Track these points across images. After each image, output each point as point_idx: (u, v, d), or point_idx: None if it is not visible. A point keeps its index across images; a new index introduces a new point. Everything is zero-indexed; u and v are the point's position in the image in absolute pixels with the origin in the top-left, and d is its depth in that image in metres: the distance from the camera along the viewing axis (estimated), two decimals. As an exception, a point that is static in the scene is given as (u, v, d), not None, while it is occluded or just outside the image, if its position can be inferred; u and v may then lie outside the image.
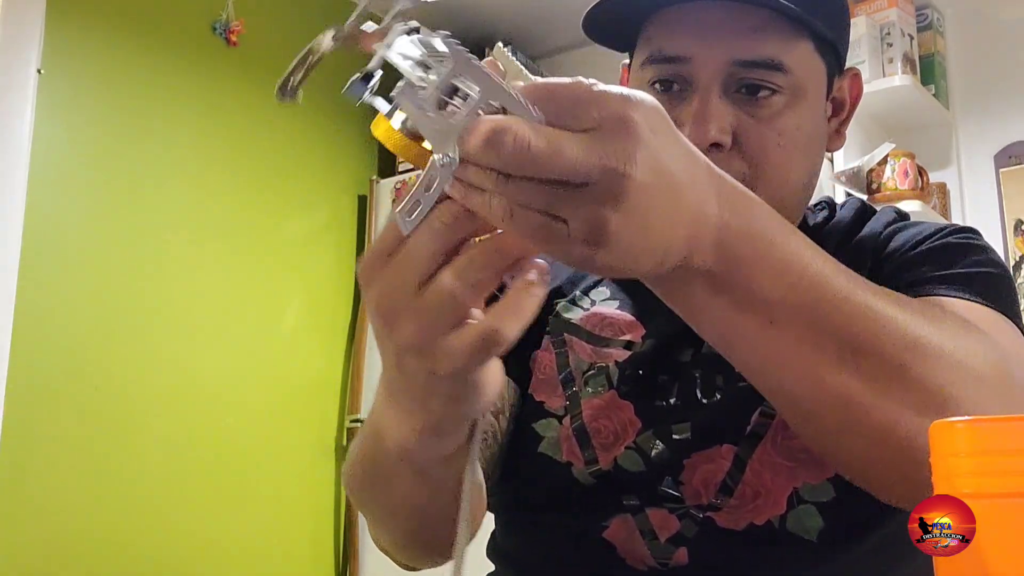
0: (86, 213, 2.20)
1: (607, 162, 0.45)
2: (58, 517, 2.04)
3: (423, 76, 0.46)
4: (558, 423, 0.86)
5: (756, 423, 0.79)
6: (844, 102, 0.89)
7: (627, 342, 0.87)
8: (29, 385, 2.03)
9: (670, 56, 0.80)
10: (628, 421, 0.84)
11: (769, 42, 0.78)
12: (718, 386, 0.82)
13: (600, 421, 0.85)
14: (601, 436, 0.84)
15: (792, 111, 0.80)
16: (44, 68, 2.13)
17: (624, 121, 0.46)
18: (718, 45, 0.78)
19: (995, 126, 2.69)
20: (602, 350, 0.87)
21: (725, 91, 0.79)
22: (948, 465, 0.38)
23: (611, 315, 0.89)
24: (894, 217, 0.90)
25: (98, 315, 2.18)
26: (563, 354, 0.88)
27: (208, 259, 2.44)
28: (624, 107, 0.46)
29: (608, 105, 0.46)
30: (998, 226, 2.64)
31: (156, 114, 2.36)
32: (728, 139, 0.79)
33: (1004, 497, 0.37)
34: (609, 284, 0.91)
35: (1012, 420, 0.38)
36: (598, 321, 0.89)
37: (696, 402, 0.82)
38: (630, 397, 0.84)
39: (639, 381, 0.84)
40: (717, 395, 0.82)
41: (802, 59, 0.80)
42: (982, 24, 2.76)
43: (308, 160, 2.74)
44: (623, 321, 0.88)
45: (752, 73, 0.79)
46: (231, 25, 2.52)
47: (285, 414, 2.55)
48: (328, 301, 2.75)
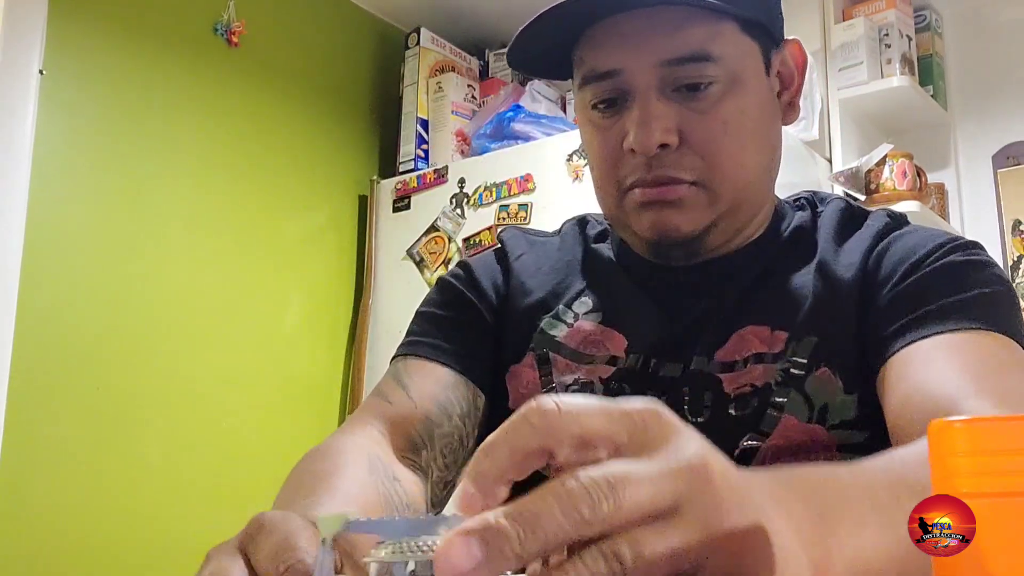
0: (88, 213, 2.20)
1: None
2: (59, 517, 2.05)
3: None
4: None
5: (745, 448, 0.80)
6: (791, 74, 0.88)
7: (611, 357, 0.87)
8: (31, 384, 2.03)
9: (602, 72, 0.82)
10: None
11: (692, 36, 0.79)
12: (705, 404, 0.82)
13: None
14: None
15: (732, 97, 0.80)
16: (46, 68, 2.13)
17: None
18: (645, 50, 0.79)
19: (993, 127, 2.70)
20: (586, 367, 0.87)
21: (662, 93, 0.80)
22: (947, 465, 0.38)
23: (593, 331, 0.89)
24: (886, 223, 0.89)
25: (99, 315, 2.18)
26: (547, 372, 0.89)
27: (209, 259, 2.44)
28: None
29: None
30: (996, 226, 2.64)
31: (157, 114, 2.36)
32: (674, 138, 0.79)
33: (1004, 497, 0.37)
34: (591, 294, 0.91)
35: (1012, 420, 0.38)
36: (582, 338, 0.89)
37: (684, 421, 0.81)
38: None
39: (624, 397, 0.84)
40: (705, 413, 0.82)
41: (729, 44, 0.80)
42: (980, 25, 2.77)
43: (308, 160, 2.73)
44: (606, 336, 0.88)
45: (683, 70, 0.79)
46: (232, 26, 2.52)
47: (285, 414, 2.55)
48: (328, 301, 2.75)
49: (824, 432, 0.80)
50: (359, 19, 2.94)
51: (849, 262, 0.85)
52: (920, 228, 0.88)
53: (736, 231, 0.87)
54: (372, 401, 0.89)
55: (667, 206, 0.82)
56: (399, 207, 2.78)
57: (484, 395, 0.90)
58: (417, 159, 2.83)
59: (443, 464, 0.84)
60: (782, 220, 0.91)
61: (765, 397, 0.81)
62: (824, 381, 0.80)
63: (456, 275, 0.98)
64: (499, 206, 2.58)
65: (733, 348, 0.84)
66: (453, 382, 0.89)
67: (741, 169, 0.82)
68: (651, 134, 0.79)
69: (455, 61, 2.99)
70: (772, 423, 0.80)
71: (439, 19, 2.98)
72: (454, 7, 2.96)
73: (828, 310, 0.83)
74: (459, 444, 0.86)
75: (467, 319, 0.93)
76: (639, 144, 0.80)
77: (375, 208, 2.82)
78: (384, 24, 3.02)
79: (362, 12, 2.95)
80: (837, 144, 2.57)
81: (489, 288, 0.95)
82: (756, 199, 0.86)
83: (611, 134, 0.83)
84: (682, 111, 0.80)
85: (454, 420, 0.86)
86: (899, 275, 0.82)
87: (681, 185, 0.81)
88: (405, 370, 0.90)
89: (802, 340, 0.82)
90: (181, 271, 2.36)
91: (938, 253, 0.82)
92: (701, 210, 0.82)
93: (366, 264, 2.79)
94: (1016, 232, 2.62)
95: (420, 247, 2.70)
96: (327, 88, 2.82)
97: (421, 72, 2.88)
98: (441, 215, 2.68)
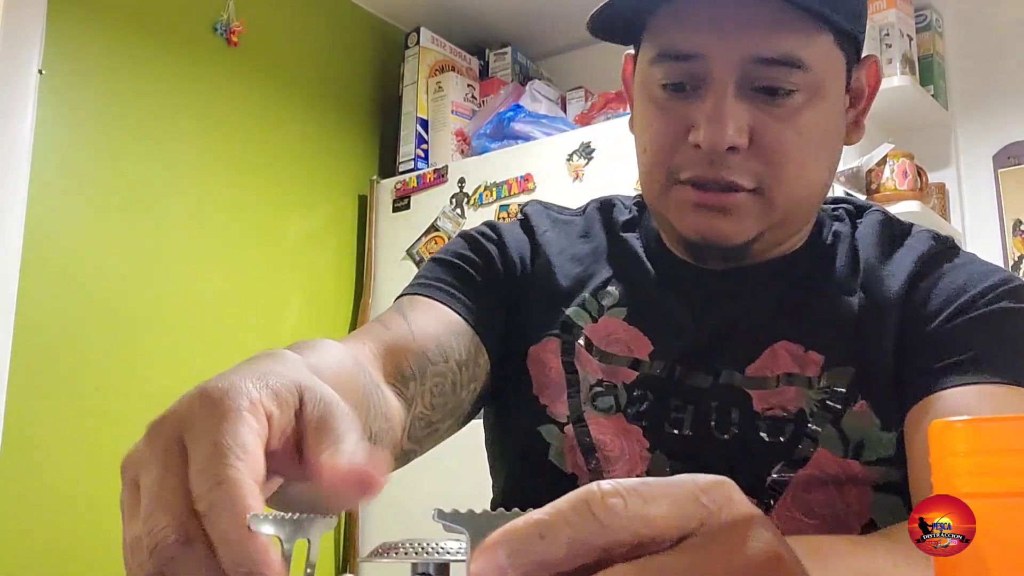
0: (87, 212, 2.20)
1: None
2: (58, 516, 2.05)
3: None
4: (559, 431, 0.84)
5: (776, 479, 0.77)
6: (862, 92, 0.84)
7: (634, 360, 0.84)
8: (30, 384, 2.03)
9: (683, 53, 0.76)
10: (637, 442, 0.82)
11: (788, 37, 0.74)
12: (733, 422, 0.80)
13: (608, 436, 0.83)
14: (607, 448, 0.82)
15: (811, 108, 0.76)
16: (45, 68, 2.13)
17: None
18: (734, 40, 0.74)
19: (994, 126, 2.69)
20: (609, 367, 0.84)
21: (741, 89, 0.75)
22: (947, 465, 0.38)
23: (617, 329, 0.86)
24: (931, 246, 0.84)
25: (99, 315, 2.18)
26: (570, 360, 0.86)
27: (208, 259, 2.44)
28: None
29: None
30: (996, 226, 2.64)
31: (157, 114, 2.36)
32: (745, 140, 0.75)
33: (1004, 497, 0.37)
34: (617, 285, 0.88)
35: (1012, 420, 0.38)
36: (605, 335, 0.86)
37: (711, 436, 0.80)
38: (638, 421, 0.82)
39: (648, 406, 0.82)
40: (732, 431, 0.80)
41: (822, 54, 0.76)
42: (981, 25, 2.77)
43: (308, 160, 2.74)
44: (630, 336, 0.85)
45: (770, 71, 0.74)
46: (232, 25, 2.52)
47: (285, 414, 2.55)
48: (328, 301, 2.75)
49: (860, 468, 0.77)
50: (359, 19, 2.94)
51: (890, 287, 0.81)
52: (969, 261, 0.84)
53: (780, 242, 0.84)
54: (369, 325, 0.83)
55: (719, 212, 0.77)
56: (399, 207, 2.78)
57: (488, 357, 0.86)
58: (417, 159, 2.83)
59: (429, 403, 0.79)
60: (821, 230, 0.87)
61: (800, 426, 0.78)
62: (861, 417, 0.78)
63: (483, 233, 0.92)
64: (499, 206, 2.58)
65: (764, 363, 0.80)
66: (459, 329, 0.83)
67: (802, 182, 0.78)
68: (724, 133, 0.74)
69: (455, 61, 2.99)
70: (806, 455, 0.78)
71: (439, 19, 2.98)
72: (454, 7, 2.96)
73: (866, 339, 0.80)
74: (450, 389, 0.81)
75: (488, 277, 0.88)
76: (708, 142, 0.74)
77: (375, 208, 2.82)
78: (384, 24, 3.02)
79: (362, 12, 2.95)
80: (837, 144, 2.56)
81: (515, 257, 0.91)
82: (807, 213, 0.83)
83: (675, 119, 0.78)
84: (757, 113, 0.75)
85: (450, 363, 0.81)
86: (946, 315, 0.78)
87: (740, 193, 0.76)
88: (410, 305, 0.85)
89: (838, 368, 0.79)
90: (181, 270, 2.36)
91: (989, 296, 0.78)
92: (753, 219, 0.78)
93: (366, 264, 2.79)
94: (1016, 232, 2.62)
95: (420, 247, 2.70)
96: (327, 88, 2.82)
97: (421, 72, 2.89)
98: (441, 215, 2.68)
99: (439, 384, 0.80)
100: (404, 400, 0.77)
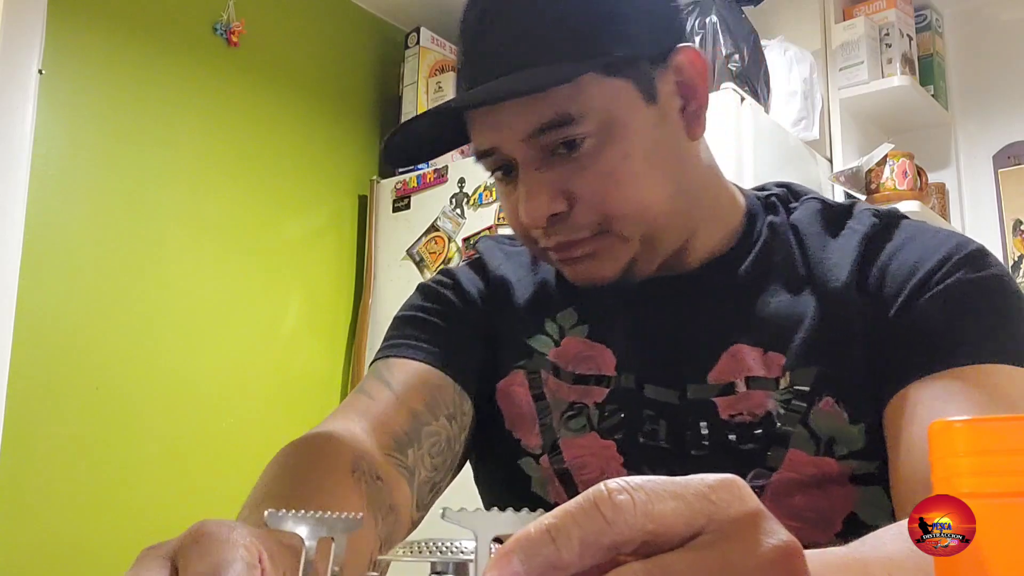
0: (87, 213, 2.20)
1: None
2: (58, 517, 2.05)
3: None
4: (535, 462, 0.86)
5: (751, 485, 0.77)
6: (691, 84, 0.81)
7: (602, 377, 0.85)
8: (30, 385, 2.03)
9: (482, 151, 0.81)
10: (611, 458, 0.83)
11: (551, 101, 0.76)
12: (703, 435, 0.81)
13: (585, 458, 0.84)
14: (586, 472, 0.83)
15: (610, 146, 0.77)
16: (45, 68, 2.13)
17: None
18: (509, 126, 0.77)
19: (994, 126, 2.70)
20: (581, 388, 0.85)
21: (542, 161, 0.78)
22: (947, 465, 0.38)
23: (582, 347, 0.87)
24: (873, 224, 0.84)
25: (99, 315, 2.18)
26: (538, 389, 0.87)
27: (208, 259, 2.44)
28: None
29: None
30: (997, 226, 2.64)
31: (157, 114, 2.36)
32: (562, 204, 0.78)
33: (1004, 497, 0.37)
34: (577, 306, 0.89)
35: (1012, 420, 0.38)
36: (571, 356, 0.87)
37: (683, 451, 0.81)
38: (611, 435, 0.83)
39: (620, 419, 0.83)
40: (704, 443, 0.80)
41: (593, 96, 0.76)
42: (981, 25, 2.77)
43: (308, 160, 2.74)
44: (595, 352, 0.86)
45: (551, 135, 0.76)
46: (232, 26, 2.52)
47: (285, 414, 2.55)
48: (328, 301, 2.75)
49: (835, 464, 0.78)
50: (359, 19, 2.94)
51: (839, 277, 0.81)
52: (917, 232, 0.83)
53: (667, 253, 0.83)
54: (353, 398, 0.85)
55: (580, 260, 0.81)
56: (399, 207, 2.78)
57: (471, 402, 0.87)
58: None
59: (431, 465, 0.81)
60: (754, 224, 0.87)
61: (769, 430, 0.79)
62: (829, 414, 0.78)
63: (439, 281, 0.95)
64: (499, 206, 2.57)
65: (726, 368, 0.81)
66: (440, 383, 0.86)
67: (643, 208, 0.78)
68: (537, 209, 0.77)
69: (455, 61, 2.99)
70: (779, 459, 0.78)
71: (439, 19, 2.98)
72: (454, 7, 2.95)
73: (826, 335, 0.80)
74: (447, 445, 0.83)
75: (454, 323, 0.91)
76: (530, 220, 0.79)
77: (375, 208, 2.82)
78: (384, 24, 3.02)
79: (362, 12, 2.95)
80: (838, 144, 2.57)
81: (474, 297, 0.93)
82: (675, 225, 0.82)
83: (511, 202, 0.82)
84: (565, 172, 0.78)
85: (440, 420, 0.83)
86: (904, 298, 0.78)
87: (585, 242, 0.79)
88: (387, 368, 0.87)
89: (801, 368, 0.79)
90: (181, 271, 2.36)
91: (945, 269, 0.78)
92: (616, 254, 0.80)
93: (366, 264, 2.79)
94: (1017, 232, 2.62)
95: (420, 247, 2.69)
96: (327, 88, 2.82)
97: (421, 72, 2.89)
98: (441, 215, 2.68)
99: (436, 443, 0.82)
100: (405, 470, 0.79)
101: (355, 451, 0.74)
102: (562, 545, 0.33)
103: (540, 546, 0.33)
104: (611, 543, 0.34)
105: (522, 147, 0.78)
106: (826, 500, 0.78)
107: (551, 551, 0.33)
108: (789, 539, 0.35)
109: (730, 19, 2.36)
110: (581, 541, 0.33)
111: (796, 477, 0.77)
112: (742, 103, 2.21)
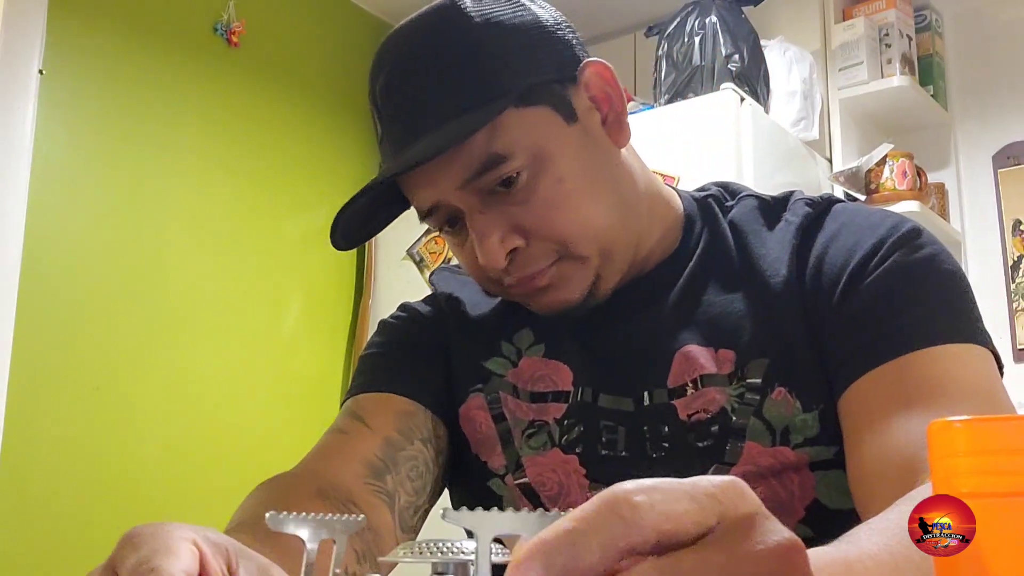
0: (87, 213, 2.20)
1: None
2: (58, 516, 2.05)
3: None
4: (502, 482, 0.87)
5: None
6: (604, 95, 0.83)
7: (560, 393, 0.86)
8: (31, 383, 2.03)
9: (424, 210, 0.82)
10: (574, 472, 0.84)
11: (473, 147, 0.76)
12: (663, 437, 0.82)
13: (545, 475, 0.85)
14: (546, 489, 0.85)
15: (543, 174, 0.78)
16: (46, 68, 2.13)
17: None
18: (445, 178, 0.78)
19: (993, 126, 2.70)
20: (539, 406, 0.86)
21: (484, 205, 0.79)
22: (947, 465, 0.38)
23: (539, 367, 0.88)
24: (807, 214, 0.84)
25: (99, 314, 2.18)
26: (498, 411, 0.88)
27: (208, 259, 2.44)
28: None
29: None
30: (996, 226, 2.64)
31: (157, 114, 2.36)
32: (518, 240, 0.79)
33: (1004, 497, 0.37)
34: (532, 326, 0.90)
35: (1012, 419, 0.38)
36: (530, 376, 0.88)
37: (645, 455, 0.82)
38: (572, 449, 0.84)
39: (580, 432, 0.84)
40: (664, 444, 0.81)
41: (512, 130, 0.77)
42: (980, 25, 2.77)
43: (308, 160, 2.74)
44: (551, 370, 0.87)
45: (485, 178, 0.77)
46: (232, 26, 2.52)
47: (285, 414, 2.55)
48: (328, 301, 2.75)
49: (791, 453, 0.79)
50: (359, 19, 2.94)
51: (778, 270, 0.82)
52: (852, 215, 0.83)
53: (625, 267, 0.85)
54: (326, 437, 0.87)
55: (545, 290, 0.82)
56: (399, 207, 2.78)
57: (445, 427, 0.89)
58: (417, 159, 2.83)
59: (411, 489, 0.83)
60: (692, 226, 0.88)
61: (724, 424, 0.80)
62: (781, 403, 0.79)
63: (398, 316, 0.97)
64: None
65: (679, 370, 0.82)
66: (411, 410, 0.87)
67: (590, 225, 0.80)
68: (492, 247, 0.78)
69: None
70: (736, 452, 0.79)
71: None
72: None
73: (773, 328, 0.81)
74: (424, 468, 0.85)
75: (416, 354, 0.93)
76: (487, 261, 0.80)
77: (375, 208, 2.82)
78: (384, 24, 3.02)
79: (362, 12, 2.95)
80: (837, 144, 2.57)
81: (431, 326, 0.95)
82: (626, 235, 0.83)
83: (466, 249, 0.83)
84: (509, 210, 0.79)
85: (416, 444, 0.85)
86: (843, 285, 0.79)
87: (546, 271, 0.80)
88: (357, 405, 0.89)
89: (752, 361, 0.80)
90: (181, 271, 2.37)
91: (881, 253, 0.79)
92: (578, 277, 0.81)
93: (366, 264, 2.79)
94: (1016, 232, 2.62)
95: (420, 247, 2.69)
96: (327, 88, 2.82)
97: (421, 72, 2.88)
98: (441, 215, 2.68)
99: (414, 467, 0.84)
100: (385, 495, 0.81)
101: (321, 483, 0.77)
102: (582, 549, 0.33)
103: (560, 552, 0.33)
104: (629, 545, 0.34)
105: (462, 195, 0.79)
106: (785, 489, 0.79)
107: (571, 556, 0.33)
108: (792, 537, 0.36)
109: (730, 19, 2.36)
110: (600, 544, 0.33)
111: (754, 469, 0.79)
112: (742, 103, 2.21)
